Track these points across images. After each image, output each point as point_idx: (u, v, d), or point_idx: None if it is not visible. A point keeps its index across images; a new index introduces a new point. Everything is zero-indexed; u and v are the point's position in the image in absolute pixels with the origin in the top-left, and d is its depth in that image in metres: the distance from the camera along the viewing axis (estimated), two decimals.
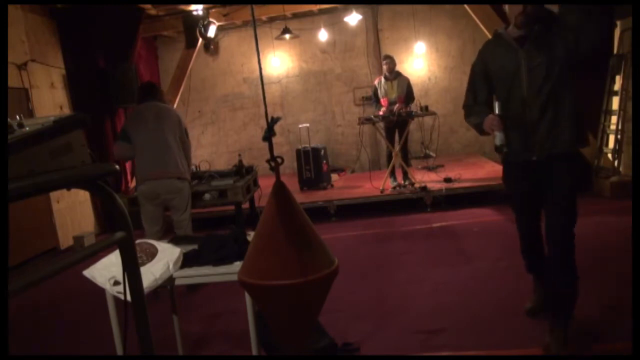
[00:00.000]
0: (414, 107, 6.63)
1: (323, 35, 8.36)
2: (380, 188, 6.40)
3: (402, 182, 6.51)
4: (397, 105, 6.38)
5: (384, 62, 6.52)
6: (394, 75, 6.44)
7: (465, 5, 6.88)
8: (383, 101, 6.46)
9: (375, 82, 6.63)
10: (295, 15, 8.44)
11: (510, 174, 2.68)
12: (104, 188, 1.20)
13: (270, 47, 8.74)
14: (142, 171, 3.93)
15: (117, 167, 1.22)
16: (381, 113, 6.42)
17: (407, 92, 6.45)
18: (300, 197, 6.67)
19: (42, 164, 1.01)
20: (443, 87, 8.78)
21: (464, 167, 7.41)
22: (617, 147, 5.85)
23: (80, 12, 6.66)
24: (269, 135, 1.00)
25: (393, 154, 6.45)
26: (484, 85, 2.66)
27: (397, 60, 6.64)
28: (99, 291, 2.25)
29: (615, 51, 6.01)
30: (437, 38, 8.61)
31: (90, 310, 3.84)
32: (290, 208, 1.06)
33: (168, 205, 4.04)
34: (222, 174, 4.92)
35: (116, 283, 2.14)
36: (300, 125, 8.34)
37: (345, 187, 7.21)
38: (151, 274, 2.15)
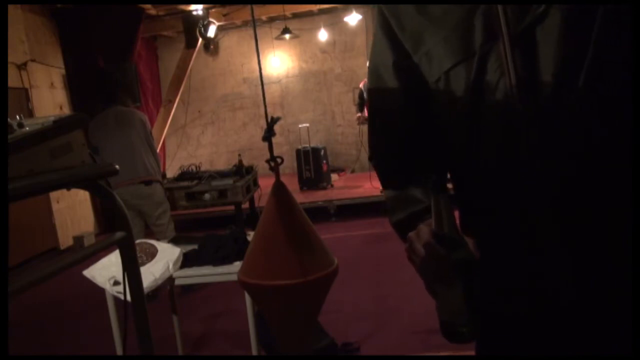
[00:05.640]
0: None
1: (323, 35, 8.36)
2: (381, 188, 6.40)
3: None
4: None
5: None
6: None
7: None
8: None
9: (361, 86, 6.54)
10: (295, 15, 8.44)
11: None
12: (103, 188, 1.20)
13: (270, 47, 8.73)
14: (112, 179, 3.87)
15: (117, 167, 1.23)
16: (363, 116, 6.40)
17: None
18: (300, 197, 6.68)
19: (42, 164, 1.01)
20: None
21: None
22: None
23: (80, 12, 6.66)
24: (269, 135, 1.00)
25: None
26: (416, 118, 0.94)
27: None
28: (99, 291, 2.24)
29: None
30: None
31: (90, 311, 3.84)
32: (290, 208, 1.06)
33: (139, 210, 3.95)
34: (222, 174, 4.92)
35: (116, 283, 2.14)
36: (300, 125, 8.34)
37: (345, 187, 7.21)
38: (151, 274, 2.15)
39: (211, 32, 7.19)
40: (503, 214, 0.82)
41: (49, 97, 6.51)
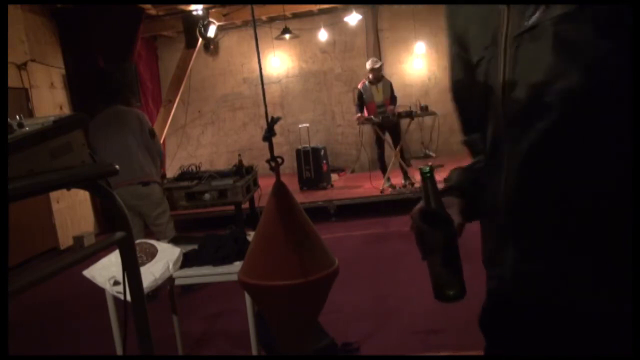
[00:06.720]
0: (412, 107, 6.65)
1: (323, 35, 8.36)
2: (380, 188, 6.40)
3: (403, 182, 6.49)
4: (391, 107, 6.38)
5: (374, 71, 6.36)
6: (378, 79, 6.43)
7: None
8: (370, 105, 6.43)
9: (360, 87, 6.54)
10: (295, 15, 8.44)
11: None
12: (103, 188, 1.20)
13: (270, 47, 8.73)
14: (111, 179, 3.85)
15: (117, 167, 1.23)
16: (363, 116, 6.41)
17: (391, 94, 6.46)
18: (300, 197, 6.68)
19: (42, 164, 1.01)
20: (443, 87, 8.77)
21: None
22: None
23: (80, 12, 6.66)
24: (269, 135, 1.00)
25: (393, 154, 6.44)
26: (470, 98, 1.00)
27: (397, 60, 6.62)
28: (99, 291, 2.24)
29: None
30: (437, 38, 8.60)
31: (90, 311, 3.83)
32: (290, 208, 1.06)
33: (139, 211, 3.94)
34: (222, 174, 4.92)
35: (116, 283, 2.14)
36: (300, 125, 8.34)
37: (345, 187, 7.21)
38: (151, 274, 2.15)
39: (211, 32, 7.20)
40: (495, 208, 0.88)
41: (49, 97, 6.51)
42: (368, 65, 6.46)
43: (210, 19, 7.22)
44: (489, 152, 0.90)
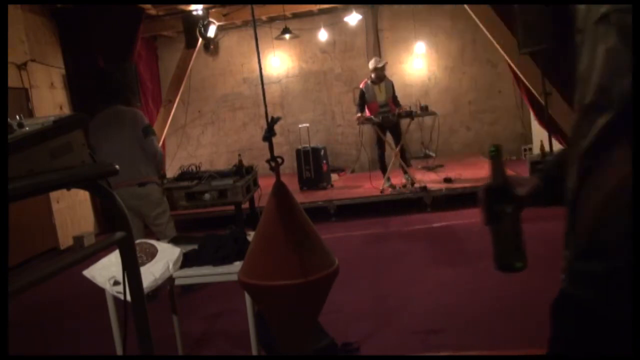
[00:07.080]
0: (412, 107, 6.66)
1: (323, 35, 8.36)
2: (380, 188, 6.40)
3: (403, 181, 6.48)
4: (400, 107, 6.39)
5: (377, 70, 6.35)
6: (381, 78, 6.43)
7: (465, 6, 6.88)
8: (372, 105, 6.42)
9: (362, 86, 6.52)
10: (295, 15, 8.44)
11: None
12: (103, 188, 1.20)
13: (270, 47, 8.73)
14: (110, 180, 3.84)
15: (117, 167, 1.23)
16: (363, 116, 6.41)
17: (393, 94, 6.46)
18: (300, 197, 6.67)
19: (42, 164, 1.01)
20: (443, 87, 8.78)
21: (464, 167, 7.40)
22: None
23: (80, 12, 6.66)
24: (269, 135, 1.00)
25: (393, 154, 6.44)
26: None
27: (397, 60, 6.62)
28: (99, 291, 2.24)
29: None
30: (437, 38, 8.61)
31: (90, 311, 3.83)
32: (290, 208, 1.06)
33: (138, 211, 3.93)
34: (222, 174, 4.91)
35: (116, 283, 2.14)
36: (300, 125, 8.34)
37: (345, 187, 7.20)
38: (151, 274, 2.15)
39: (211, 32, 7.19)
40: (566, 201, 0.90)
41: (49, 97, 6.51)
42: (371, 64, 6.45)
43: (210, 19, 7.21)
44: (568, 143, 0.88)
